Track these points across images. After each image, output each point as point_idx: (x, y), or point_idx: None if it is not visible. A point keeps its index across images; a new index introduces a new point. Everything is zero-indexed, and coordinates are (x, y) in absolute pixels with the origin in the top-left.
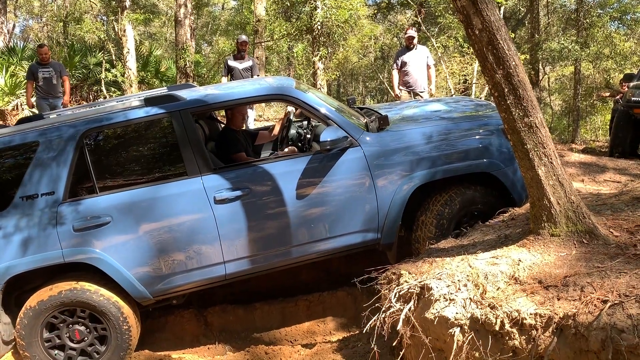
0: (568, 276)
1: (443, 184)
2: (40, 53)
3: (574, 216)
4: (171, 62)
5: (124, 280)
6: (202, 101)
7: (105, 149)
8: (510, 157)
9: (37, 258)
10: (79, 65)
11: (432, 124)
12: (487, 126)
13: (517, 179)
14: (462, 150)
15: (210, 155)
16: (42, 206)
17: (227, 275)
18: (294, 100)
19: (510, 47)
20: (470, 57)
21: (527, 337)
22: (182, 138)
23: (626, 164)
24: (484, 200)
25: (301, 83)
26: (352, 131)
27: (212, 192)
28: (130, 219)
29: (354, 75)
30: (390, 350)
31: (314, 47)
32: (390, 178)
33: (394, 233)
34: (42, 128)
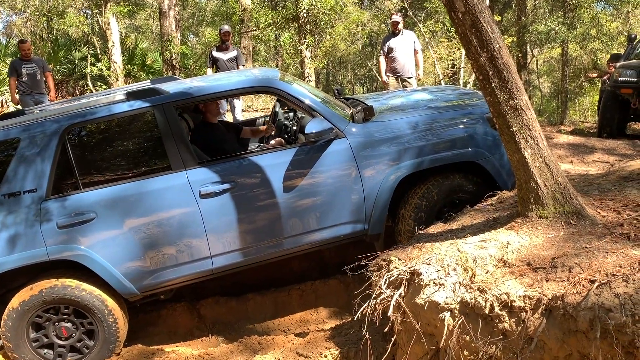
0: (556, 257)
1: (429, 174)
2: (22, 49)
3: (561, 197)
4: (157, 54)
5: (110, 276)
6: (185, 94)
7: (88, 144)
8: (495, 145)
9: (21, 256)
10: (64, 60)
11: (417, 113)
12: (472, 115)
13: (503, 167)
14: (448, 139)
15: (195, 149)
16: (26, 203)
17: (215, 269)
18: (278, 92)
19: (493, 30)
20: (457, 42)
21: (517, 320)
22: (166, 132)
23: (614, 144)
24: (465, 189)
25: (286, 74)
26: (337, 122)
27: (197, 187)
28: (115, 215)
29: (342, 63)
30: (382, 336)
31: (300, 35)
32: (376, 169)
33: (381, 224)
34: (24, 124)
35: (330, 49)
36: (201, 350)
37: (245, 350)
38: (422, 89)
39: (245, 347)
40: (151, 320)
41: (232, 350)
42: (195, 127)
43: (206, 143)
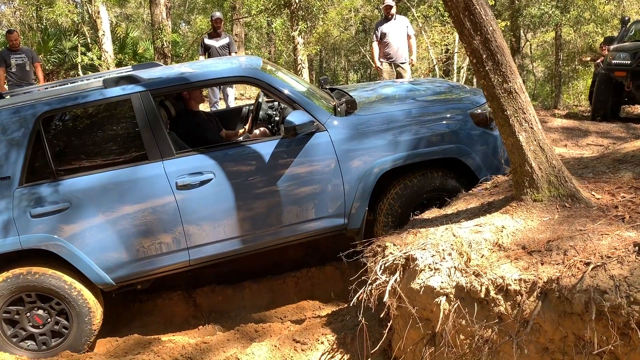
0: (551, 240)
1: (409, 170)
2: (10, 39)
3: (555, 181)
4: (149, 43)
5: (84, 267)
6: (164, 82)
7: (63, 132)
8: (478, 141)
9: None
10: (54, 50)
11: (400, 107)
12: (456, 110)
13: (485, 164)
14: (431, 134)
15: (174, 138)
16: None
17: (191, 261)
18: (259, 82)
19: (487, 12)
20: (451, 27)
21: (512, 303)
22: (143, 121)
23: (608, 127)
24: (442, 186)
25: (269, 63)
26: (319, 115)
27: (174, 178)
28: (90, 205)
29: (336, 50)
30: (379, 321)
31: (293, 21)
32: (356, 163)
33: (361, 219)
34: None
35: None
36: (198, 338)
37: (242, 338)
38: (409, 81)
39: (242, 334)
40: (147, 309)
41: (229, 338)
42: (177, 115)
43: (187, 132)
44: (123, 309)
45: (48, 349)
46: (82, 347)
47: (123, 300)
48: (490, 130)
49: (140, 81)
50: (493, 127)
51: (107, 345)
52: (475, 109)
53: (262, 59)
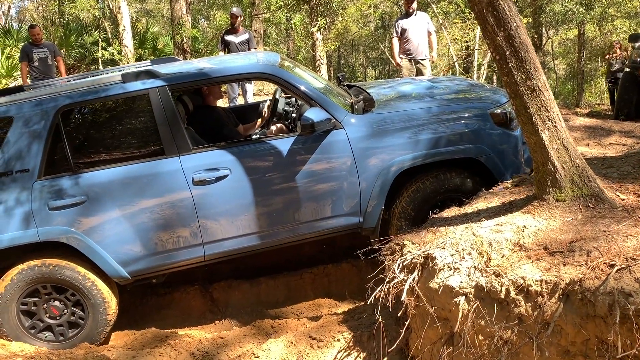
0: (574, 241)
1: (427, 169)
2: (33, 34)
3: (579, 180)
4: (168, 38)
5: (100, 260)
6: (181, 78)
7: (82, 125)
8: (497, 141)
9: (12, 236)
10: (76, 45)
11: (419, 106)
12: (475, 109)
13: (504, 164)
14: (449, 134)
15: (191, 134)
16: (17, 183)
17: (207, 256)
18: (277, 79)
19: (511, 8)
20: (472, 23)
21: (533, 304)
22: (160, 116)
23: (632, 126)
24: (458, 187)
25: (287, 59)
26: (336, 113)
27: (191, 173)
28: (107, 199)
29: (354, 46)
30: (396, 320)
31: (312, 17)
32: (373, 162)
33: (376, 218)
34: (18, 103)
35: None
36: (214, 333)
37: (259, 333)
38: (428, 78)
39: (258, 330)
40: (164, 303)
41: (245, 333)
42: (195, 109)
43: (204, 127)
44: (140, 303)
45: (65, 340)
46: (98, 338)
47: (141, 294)
48: (511, 130)
49: (158, 76)
50: (513, 127)
51: (124, 338)
52: (496, 109)
53: (281, 55)
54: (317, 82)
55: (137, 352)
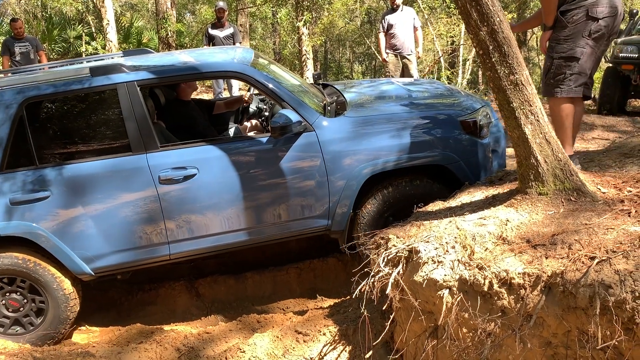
0: (556, 234)
1: (395, 175)
2: (15, 27)
3: (561, 174)
4: (153, 33)
5: (63, 256)
6: (150, 74)
7: (47, 118)
8: (466, 149)
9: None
10: (59, 39)
11: (391, 110)
12: (446, 117)
13: (472, 172)
14: (419, 140)
15: (160, 129)
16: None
17: (172, 255)
18: (248, 78)
19: (494, 3)
20: (457, 18)
21: (516, 297)
22: (128, 112)
23: (614, 121)
24: (425, 193)
25: (262, 57)
26: (307, 115)
27: (157, 171)
28: (71, 194)
29: (340, 41)
30: (381, 314)
31: (298, 11)
32: (343, 166)
33: (345, 221)
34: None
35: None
36: (200, 328)
37: (244, 328)
38: (404, 81)
39: (244, 325)
40: (149, 299)
41: (231, 328)
42: (167, 104)
43: (177, 122)
44: (126, 299)
45: (35, 328)
46: (67, 317)
47: (126, 290)
48: (480, 138)
49: (127, 71)
50: (483, 135)
51: (109, 334)
52: (466, 117)
53: (255, 52)
54: (291, 81)
55: (122, 348)
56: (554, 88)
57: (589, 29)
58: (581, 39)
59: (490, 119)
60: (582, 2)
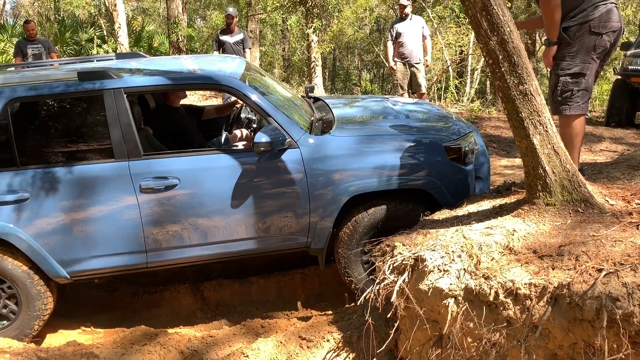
0: (563, 245)
1: (377, 197)
2: (27, 29)
3: (569, 185)
4: (164, 37)
5: (39, 258)
6: (138, 82)
7: (32, 120)
8: (449, 175)
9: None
10: (71, 42)
11: (377, 132)
12: (431, 141)
13: (454, 197)
14: (402, 164)
15: (146, 136)
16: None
17: (149, 264)
18: (233, 91)
19: (504, 13)
20: (466, 28)
21: (522, 307)
22: (113, 118)
23: (623, 133)
24: (404, 216)
25: (254, 68)
26: (293, 132)
27: (139, 180)
28: (50, 197)
29: (349, 49)
30: (385, 321)
31: (307, 19)
32: (326, 185)
33: (325, 239)
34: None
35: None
36: (204, 332)
37: (248, 332)
38: (394, 101)
39: (248, 329)
40: (155, 301)
41: (235, 332)
42: (156, 109)
43: (165, 129)
44: (130, 300)
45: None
46: (30, 331)
47: (131, 292)
48: (464, 165)
49: (115, 77)
50: (467, 162)
51: (114, 336)
52: (451, 143)
53: (248, 63)
54: (281, 95)
55: (126, 350)
56: (561, 105)
57: (593, 44)
58: (586, 55)
59: (476, 145)
60: (584, 17)
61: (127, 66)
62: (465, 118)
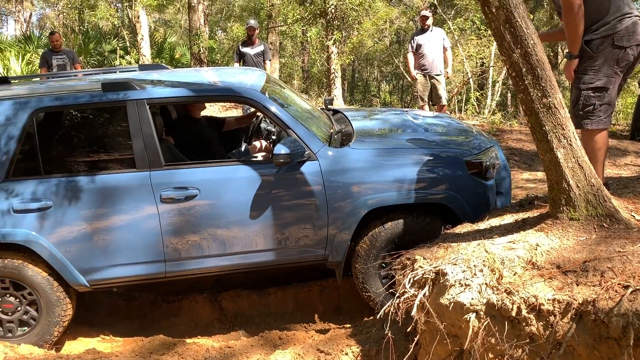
0: (588, 261)
1: (396, 210)
2: (52, 40)
3: (594, 199)
4: (185, 48)
5: (60, 266)
6: (160, 94)
7: (56, 130)
8: (470, 190)
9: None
10: (94, 52)
11: (396, 145)
12: (451, 155)
13: (475, 212)
14: (422, 177)
15: (167, 147)
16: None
17: (167, 273)
18: (254, 104)
19: (528, 26)
20: (487, 40)
21: (545, 323)
22: (135, 129)
23: None
24: (422, 231)
25: (274, 81)
26: (312, 144)
27: (159, 190)
28: (73, 206)
29: (369, 60)
30: (405, 336)
31: (327, 31)
32: (344, 198)
33: (343, 252)
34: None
35: (357, 45)
36: (222, 342)
37: (266, 344)
38: (415, 114)
39: (266, 341)
40: (173, 311)
41: (253, 344)
42: (178, 120)
43: (186, 139)
44: (149, 310)
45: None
46: (49, 339)
47: (150, 302)
48: (485, 179)
49: (138, 88)
50: (488, 177)
51: (132, 344)
52: (472, 157)
53: (269, 75)
54: (301, 107)
55: (144, 359)
56: (582, 120)
57: (617, 57)
58: (609, 69)
59: (498, 159)
60: (608, 30)
61: (149, 77)
62: (486, 130)
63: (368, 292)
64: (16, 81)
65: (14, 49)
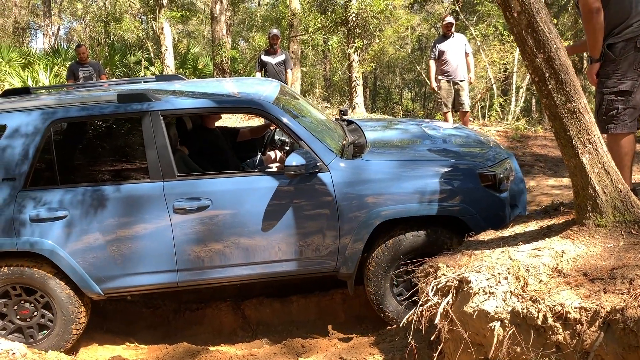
0: (615, 268)
1: (408, 223)
2: (79, 53)
3: (621, 205)
4: (208, 59)
5: (75, 275)
6: (174, 105)
7: (72, 140)
8: (483, 202)
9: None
10: (119, 64)
11: (409, 157)
12: (465, 168)
13: (489, 225)
14: (435, 190)
15: (181, 157)
16: (2, 191)
17: (180, 283)
18: (267, 115)
19: (551, 30)
20: (510, 45)
21: (572, 332)
22: (149, 140)
23: None
24: (434, 243)
25: (288, 91)
26: (324, 155)
27: (172, 200)
28: (87, 216)
29: (390, 67)
30: (428, 344)
31: (349, 39)
32: (355, 209)
33: (354, 264)
34: (12, 111)
35: (379, 53)
36: (245, 350)
37: (289, 352)
38: (429, 126)
39: (289, 349)
40: (196, 319)
41: (276, 352)
42: (193, 130)
43: (200, 149)
44: (173, 318)
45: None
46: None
47: (174, 310)
48: (499, 192)
49: (153, 100)
50: (502, 189)
51: (157, 352)
52: (485, 169)
53: (283, 86)
54: (313, 119)
55: None
56: (607, 124)
57: (639, 60)
58: (632, 72)
59: (513, 171)
60: (629, 34)
61: (165, 88)
62: (510, 136)
63: (381, 305)
64: (41, 91)
65: (42, 62)
